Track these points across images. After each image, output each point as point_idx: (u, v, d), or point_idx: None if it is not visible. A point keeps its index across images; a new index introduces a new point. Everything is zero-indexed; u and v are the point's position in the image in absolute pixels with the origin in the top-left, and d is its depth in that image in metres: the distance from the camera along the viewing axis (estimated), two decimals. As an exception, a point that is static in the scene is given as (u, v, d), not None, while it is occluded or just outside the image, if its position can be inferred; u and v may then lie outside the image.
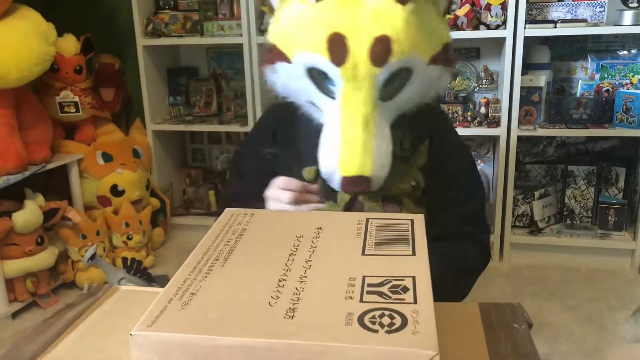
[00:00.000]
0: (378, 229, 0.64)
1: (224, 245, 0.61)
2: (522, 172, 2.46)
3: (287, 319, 0.47)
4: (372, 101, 0.85)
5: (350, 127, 0.84)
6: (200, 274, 0.55)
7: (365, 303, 0.49)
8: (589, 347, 1.71)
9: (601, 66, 2.26)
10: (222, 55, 2.71)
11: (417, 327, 0.45)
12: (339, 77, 0.84)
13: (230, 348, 0.45)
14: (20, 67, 1.87)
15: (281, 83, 0.93)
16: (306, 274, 0.54)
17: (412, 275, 0.54)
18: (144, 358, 0.46)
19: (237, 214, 0.70)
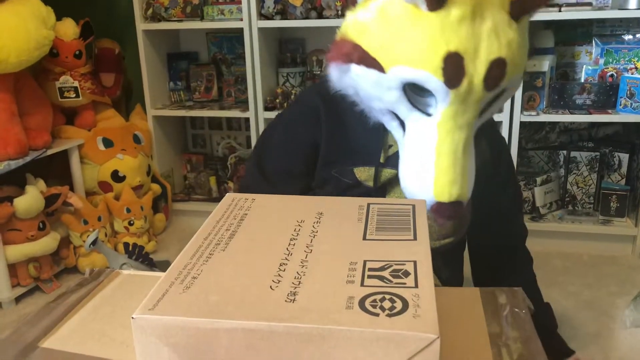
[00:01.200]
0: (379, 214, 0.64)
1: (225, 229, 0.61)
2: (524, 158, 2.45)
3: (288, 302, 0.47)
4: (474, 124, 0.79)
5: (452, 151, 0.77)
6: (202, 258, 0.54)
7: (366, 287, 0.49)
8: (590, 332, 1.72)
9: (606, 51, 2.24)
10: (222, 39, 2.69)
11: (418, 310, 0.46)
12: (447, 99, 0.76)
13: (231, 331, 0.45)
14: (19, 51, 1.86)
15: (352, 84, 0.84)
16: (307, 258, 0.54)
17: (413, 260, 0.54)
18: (145, 341, 0.46)
19: (238, 198, 0.70)
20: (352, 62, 0.81)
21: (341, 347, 0.44)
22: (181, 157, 2.82)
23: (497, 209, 1.02)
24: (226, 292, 0.49)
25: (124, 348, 0.56)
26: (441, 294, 0.48)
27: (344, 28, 0.84)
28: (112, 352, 0.55)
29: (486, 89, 0.76)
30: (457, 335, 0.57)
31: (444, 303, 0.47)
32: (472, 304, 0.64)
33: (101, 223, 2.22)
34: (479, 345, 0.56)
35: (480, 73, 0.75)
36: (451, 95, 0.76)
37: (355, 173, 0.95)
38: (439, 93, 0.77)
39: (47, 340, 0.58)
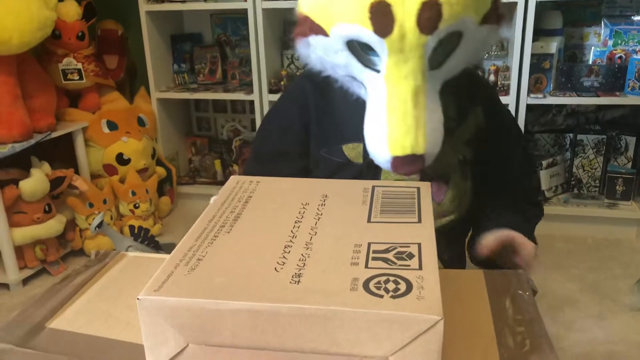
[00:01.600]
0: (384, 197, 0.64)
1: (230, 212, 0.61)
2: (530, 142, 2.43)
3: (293, 284, 0.47)
4: (422, 72, 0.77)
5: (400, 103, 0.77)
6: (207, 240, 0.55)
7: (371, 269, 0.49)
8: (593, 315, 1.73)
9: (615, 32, 2.21)
10: (226, 21, 2.67)
11: (422, 292, 0.46)
12: (384, 49, 0.76)
13: (236, 312, 0.45)
14: (21, 32, 1.85)
15: (316, 57, 0.85)
16: (312, 240, 0.54)
17: (417, 242, 0.53)
18: (151, 322, 0.46)
19: (242, 181, 0.70)
20: (307, 35, 0.83)
21: (345, 328, 0.44)
22: (186, 140, 2.82)
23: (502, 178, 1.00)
24: (231, 274, 0.49)
25: (129, 329, 0.56)
26: (445, 276, 0.48)
27: (298, 3, 0.85)
28: (117, 332, 0.56)
29: (422, 32, 0.74)
30: (460, 317, 0.57)
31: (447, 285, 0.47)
32: (476, 286, 0.64)
33: (107, 206, 2.23)
34: (482, 326, 0.56)
35: (411, 17, 0.73)
36: (386, 44, 0.75)
37: (344, 151, 0.95)
38: (375, 45, 0.76)
39: (54, 320, 0.58)
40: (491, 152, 0.98)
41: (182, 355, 0.47)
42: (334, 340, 0.45)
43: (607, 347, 1.57)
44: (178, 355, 0.48)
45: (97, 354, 0.53)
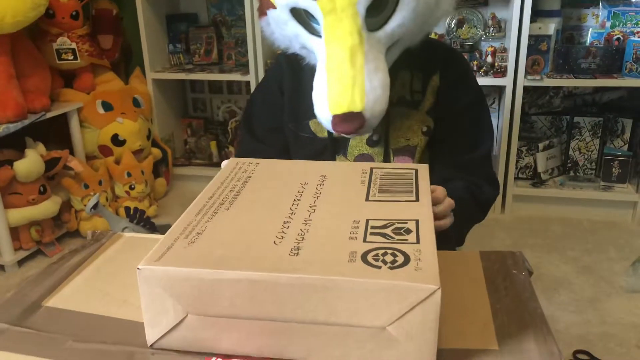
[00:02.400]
0: (382, 178, 0.65)
1: (229, 190, 0.62)
2: (527, 124, 2.43)
3: (292, 256, 0.47)
4: (357, 32, 0.78)
5: (336, 62, 0.79)
6: (206, 215, 0.55)
7: (369, 243, 0.50)
8: (587, 297, 1.74)
9: (613, 14, 2.19)
10: (222, 1, 2.64)
11: (420, 264, 0.46)
12: (318, 11, 0.78)
13: (235, 282, 0.45)
14: (15, 11, 1.82)
15: (275, 33, 0.89)
16: (310, 217, 0.55)
17: (415, 219, 0.54)
18: (150, 292, 0.47)
19: (242, 162, 0.70)
20: (265, 13, 0.87)
21: (343, 298, 0.45)
22: (181, 122, 2.80)
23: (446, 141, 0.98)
24: (230, 246, 0.49)
25: (126, 306, 0.56)
26: (441, 256, 0.48)
27: None
28: (114, 310, 0.56)
29: None
30: (457, 298, 0.58)
31: (443, 266, 0.48)
32: (473, 267, 0.65)
33: (102, 187, 2.22)
34: (478, 307, 0.56)
35: None
36: (319, 6, 0.78)
37: (311, 126, 0.97)
38: (311, 8, 0.79)
39: (50, 299, 0.58)
40: (448, 120, 0.97)
41: (181, 325, 0.48)
42: (332, 310, 0.45)
43: (602, 329, 1.59)
44: (177, 326, 0.48)
45: (93, 331, 0.53)
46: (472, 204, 0.94)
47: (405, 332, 0.45)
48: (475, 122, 0.99)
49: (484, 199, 0.98)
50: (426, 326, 0.45)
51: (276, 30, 0.88)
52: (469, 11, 2.35)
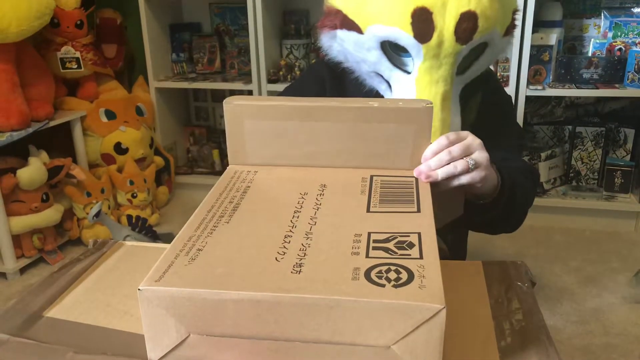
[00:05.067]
0: (383, 186, 0.64)
1: (229, 202, 0.61)
2: (529, 133, 2.43)
3: (294, 273, 0.47)
4: (451, 77, 0.81)
5: None
6: (206, 230, 0.54)
7: (372, 258, 0.49)
8: (590, 307, 1.73)
9: (614, 24, 2.20)
10: (225, 10, 2.65)
11: (424, 281, 0.45)
12: (420, 54, 0.80)
13: (238, 302, 0.45)
14: (19, 20, 1.83)
15: (341, 50, 0.88)
16: (312, 230, 0.54)
17: (417, 232, 0.53)
18: (152, 313, 0.46)
19: (240, 171, 0.69)
20: (337, 28, 0.86)
21: (347, 317, 0.44)
22: (184, 130, 2.81)
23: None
24: (232, 264, 0.48)
25: (127, 318, 0.56)
26: (443, 266, 0.48)
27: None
28: (115, 322, 0.55)
29: (458, 42, 0.78)
30: (459, 308, 0.57)
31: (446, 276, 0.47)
32: (475, 277, 0.64)
33: (104, 195, 2.23)
34: (481, 318, 0.56)
35: (449, 26, 0.77)
36: (423, 50, 0.79)
37: None
38: (412, 48, 0.80)
39: (51, 309, 0.58)
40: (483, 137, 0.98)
41: (184, 345, 0.47)
42: (336, 330, 0.45)
43: (605, 340, 1.58)
44: (179, 346, 0.47)
45: (94, 343, 0.52)
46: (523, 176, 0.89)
47: (410, 351, 0.45)
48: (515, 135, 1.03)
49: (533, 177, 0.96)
50: (431, 345, 0.44)
51: (348, 50, 0.87)
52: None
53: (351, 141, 0.67)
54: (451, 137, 0.69)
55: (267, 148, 0.69)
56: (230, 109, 0.68)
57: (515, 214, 0.90)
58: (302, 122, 0.67)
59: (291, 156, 0.69)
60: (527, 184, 0.91)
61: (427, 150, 0.67)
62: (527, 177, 0.92)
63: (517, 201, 0.84)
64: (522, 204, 0.90)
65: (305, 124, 0.67)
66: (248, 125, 0.68)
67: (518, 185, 0.84)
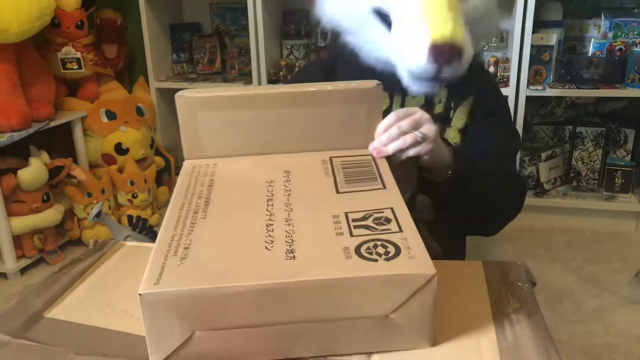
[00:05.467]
0: (344, 167, 0.66)
1: (197, 197, 0.60)
2: (529, 133, 2.43)
3: (289, 259, 0.48)
4: None
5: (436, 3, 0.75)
6: (186, 228, 0.54)
7: (356, 237, 0.51)
8: (591, 307, 1.73)
9: (615, 24, 2.20)
10: (225, 10, 2.65)
11: (411, 252, 0.49)
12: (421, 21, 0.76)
13: (242, 294, 0.46)
14: (20, 21, 1.84)
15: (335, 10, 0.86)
16: (290, 216, 0.55)
17: (389, 207, 0.56)
18: (154, 316, 0.46)
19: (198, 165, 0.68)
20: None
21: (347, 294, 0.47)
22: (184, 130, 2.81)
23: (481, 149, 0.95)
24: (224, 258, 0.49)
25: (127, 319, 0.56)
26: (444, 267, 0.49)
27: None
28: (116, 322, 0.56)
29: None
30: (459, 308, 0.57)
31: (446, 276, 0.49)
32: (475, 277, 0.64)
33: (105, 195, 2.23)
34: (481, 318, 0.56)
35: None
36: None
37: None
38: None
39: (52, 310, 0.58)
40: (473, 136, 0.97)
41: (189, 343, 0.48)
42: (337, 307, 0.47)
43: (606, 340, 1.58)
44: (184, 344, 0.48)
45: (95, 344, 0.53)
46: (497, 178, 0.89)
47: (406, 317, 0.48)
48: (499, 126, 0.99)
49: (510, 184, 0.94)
50: (425, 310, 0.48)
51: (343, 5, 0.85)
52: (471, 21, 2.35)
53: (306, 125, 0.68)
54: (400, 113, 0.72)
55: (222, 139, 0.69)
56: (182, 103, 0.67)
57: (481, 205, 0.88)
58: (254, 110, 0.67)
59: (247, 146, 0.69)
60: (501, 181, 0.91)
61: (379, 126, 0.71)
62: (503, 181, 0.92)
63: (477, 187, 0.83)
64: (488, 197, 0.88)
65: (258, 111, 0.67)
66: (202, 118, 0.67)
67: (479, 172, 0.84)
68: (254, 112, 0.67)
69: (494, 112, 0.99)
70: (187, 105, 0.67)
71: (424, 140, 0.72)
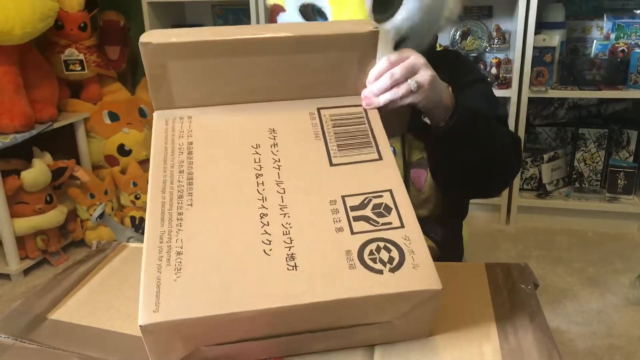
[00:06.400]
0: (335, 125, 0.60)
1: (179, 171, 0.54)
2: (531, 135, 2.43)
3: (291, 270, 0.47)
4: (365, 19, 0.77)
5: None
6: (173, 221, 0.50)
7: (357, 234, 0.50)
8: (593, 308, 1.73)
9: (617, 25, 2.20)
10: (228, 12, 2.66)
11: (415, 258, 0.48)
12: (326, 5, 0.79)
13: (251, 317, 0.45)
14: (23, 22, 1.84)
15: None
16: (284, 202, 0.52)
17: (388, 189, 0.54)
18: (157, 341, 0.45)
19: (171, 119, 0.60)
20: (276, 19, 0.88)
21: (354, 309, 0.47)
22: (187, 132, 2.81)
23: None
24: (223, 269, 0.47)
25: (130, 320, 0.56)
26: (446, 269, 0.49)
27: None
28: (119, 324, 0.56)
29: None
30: (462, 311, 0.57)
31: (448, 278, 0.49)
32: (477, 280, 0.64)
33: (108, 197, 2.23)
34: (483, 320, 0.56)
35: None
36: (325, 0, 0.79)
37: None
38: (318, 2, 0.80)
39: (55, 312, 0.58)
40: None
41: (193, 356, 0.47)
42: (343, 317, 0.47)
43: (608, 341, 1.57)
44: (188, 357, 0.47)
45: (98, 346, 0.53)
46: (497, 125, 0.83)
47: (407, 321, 0.49)
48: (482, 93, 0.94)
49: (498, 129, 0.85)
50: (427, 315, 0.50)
51: None
52: (474, 23, 2.36)
53: (292, 73, 0.60)
54: (392, 58, 0.66)
55: (196, 89, 0.60)
56: (149, 51, 0.57)
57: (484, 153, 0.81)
58: (234, 57, 0.58)
59: (225, 94, 0.60)
60: (500, 130, 0.84)
61: (370, 72, 0.65)
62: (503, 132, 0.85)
63: (479, 132, 0.78)
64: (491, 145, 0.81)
65: (238, 59, 0.58)
66: (172, 67, 0.58)
67: (482, 117, 0.78)
68: (233, 60, 0.58)
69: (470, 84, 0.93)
70: (155, 52, 0.57)
71: (418, 90, 0.66)
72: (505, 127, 0.93)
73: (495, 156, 0.82)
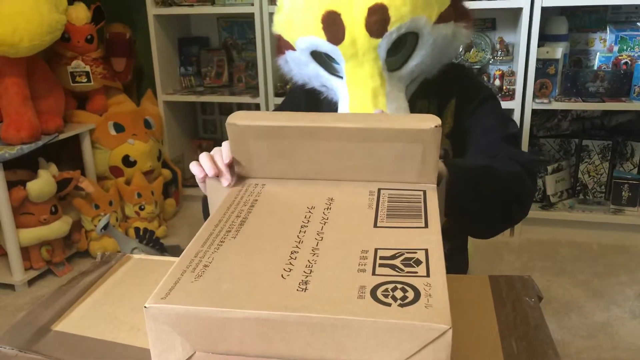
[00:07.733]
0: (390, 200, 0.63)
1: (236, 216, 0.61)
2: (535, 146, 2.43)
3: (300, 291, 0.47)
4: (378, 74, 0.81)
5: (358, 104, 0.81)
6: (213, 245, 0.54)
7: (378, 276, 0.49)
8: (598, 321, 1.72)
9: (620, 38, 2.20)
10: (233, 25, 2.68)
11: (430, 300, 0.45)
12: (340, 56, 0.81)
13: (243, 320, 0.45)
14: (31, 35, 1.86)
15: (294, 71, 0.92)
16: (318, 246, 0.54)
17: (424, 248, 0.53)
18: (158, 329, 0.46)
19: (248, 184, 0.69)
20: (283, 52, 0.89)
21: (353, 337, 0.44)
22: (192, 143, 2.83)
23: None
24: (238, 281, 0.49)
25: (134, 332, 0.56)
26: (449, 281, 0.48)
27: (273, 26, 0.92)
28: (123, 336, 0.56)
29: (372, 36, 0.78)
30: (465, 323, 0.57)
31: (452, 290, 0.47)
32: (481, 292, 0.64)
33: (112, 207, 2.24)
34: (487, 333, 0.56)
35: (359, 22, 0.78)
36: (340, 51, 0.80)
37: None
38: (332, 53, 0.81)
39: (59, 323, 0.59)
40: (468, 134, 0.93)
41: None
42: (342, 349, 0.45)
43: (614, 354, 1.56)
44: None
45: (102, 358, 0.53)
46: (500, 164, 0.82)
47: None
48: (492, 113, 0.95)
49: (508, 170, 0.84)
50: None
51: (295, 69, 0.91)
52: (477, 35, 2.37)
53: (358, 158, 0.67)
54: None
55: (273, 164, 0.69)
56: (234, 130, 0.68)
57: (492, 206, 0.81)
58: (306, 141, 0.67)
59: (297, 171, 0.69)
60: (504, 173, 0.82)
61: None
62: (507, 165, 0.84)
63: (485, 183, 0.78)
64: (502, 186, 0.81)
65: (310, 142, 0.67)
66: (253, 145, 0.68)
67: (477, 169, 0.78)
68: (305, 142, 0.67)
69: (480, 103, 0.95)
70: (239, 132, 0.68)
71: None
72: (517, 147, 0.94)
73: (510, 194, 0.82)
